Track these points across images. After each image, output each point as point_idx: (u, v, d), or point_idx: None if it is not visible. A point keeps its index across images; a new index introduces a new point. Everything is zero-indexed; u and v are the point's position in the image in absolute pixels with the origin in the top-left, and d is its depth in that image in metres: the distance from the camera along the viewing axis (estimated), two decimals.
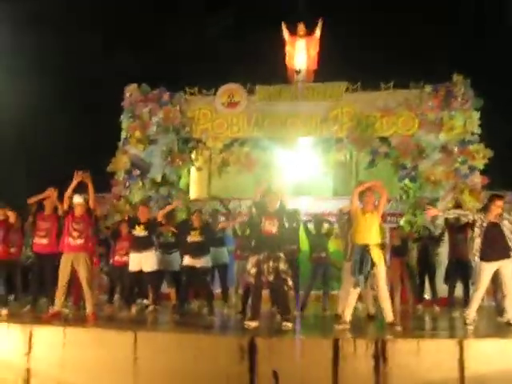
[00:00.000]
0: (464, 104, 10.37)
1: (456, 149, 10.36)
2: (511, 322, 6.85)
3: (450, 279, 8.89)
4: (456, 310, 8.62)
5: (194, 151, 11.59)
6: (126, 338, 6.48)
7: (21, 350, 6.68)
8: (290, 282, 7.50)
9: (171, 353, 6.36)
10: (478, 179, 10.24)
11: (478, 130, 10.42)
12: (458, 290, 8.99)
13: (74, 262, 7.67)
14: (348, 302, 7.11)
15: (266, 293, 8.50)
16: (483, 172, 10.36)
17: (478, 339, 6.24)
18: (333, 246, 9.90)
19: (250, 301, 7.95)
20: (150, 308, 8.70)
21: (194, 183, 12.78)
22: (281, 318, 7.28)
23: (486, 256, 7.01)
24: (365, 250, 6.85)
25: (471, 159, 10.25)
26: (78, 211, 7.93)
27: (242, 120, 11.51)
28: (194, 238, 8.31)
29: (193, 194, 12.66)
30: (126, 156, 11.43)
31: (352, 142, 10.94)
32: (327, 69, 12.46)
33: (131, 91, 11.76)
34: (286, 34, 12.56)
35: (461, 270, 8.72)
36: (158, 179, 11.38)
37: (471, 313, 7.07)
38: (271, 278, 7.15)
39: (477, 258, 7.22)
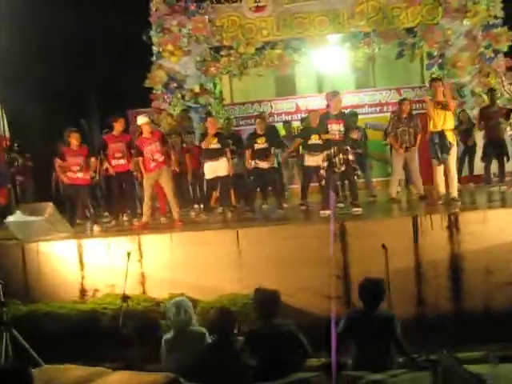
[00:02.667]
0: None
1: (480, 34, 10.91)
2: None
3: (486, 157, 9.82)
4: (491, 185, 9.65)
5: (227, 58, 11.91)
6: (229, 235, 7.39)
7: (133, 257, 7.56)
8: (359, 172, 8.41)
9: (269, 243, 7.30)
10: (502, 62, 10.88)
11: (500, 14, 10.90)
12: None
13: (157, 178, 8.32)
14: (436, 179, 8.12)
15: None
16: (507, 54, 10.96)
17: None
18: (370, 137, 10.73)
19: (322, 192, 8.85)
20: (219, 209, 9.56)
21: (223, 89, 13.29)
22: (351, 204, 8.23)
23: None
24: (442, 134, 7.70)
25: (495, 43, 10.82)
26: (146, 131, 8.42)
27: (271, 23, 11.78)
28: (260, 145, 9.00)
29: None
30: (161, 70, 11.80)
31: (379, 36, 11.38)
32: None
33: (157, 5, 11.90)
34: None
35: (496, 149, 9.61)
36: (196, 89, 11.82)
37: None
38: (342, 168, 8.00)
39: None
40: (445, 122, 7.80)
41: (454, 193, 7.87)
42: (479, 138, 10.03)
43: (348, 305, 7.11)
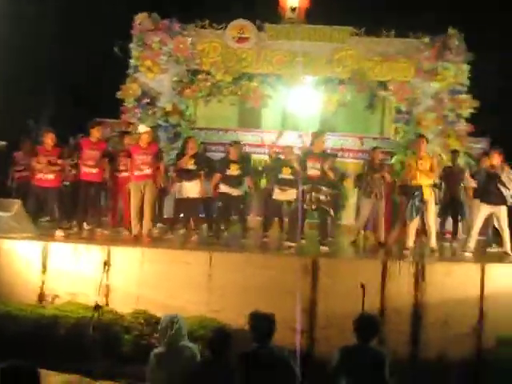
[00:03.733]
0: (456, 56, 11.46)
1: (446, 97, 11.58)
2: (509, 252, 8.38)
3: (443, 215, 10.33)
4: (445, 241, 10.12)
5: (203, 83, 11.99)
6: (202, 258, 7.40)
7: (100, 268, 7.40)
8: (332, 212, 8.64)
9: (241, 270, 7.35)
10: (463, 126, 11.58)
11: (466, 82, 11.61)
12: None
13: (142, 189, 8.21)
14: (409, 231, 8.50)
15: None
16: (469, 120, 11.67)
17: (496, 264, 7.67)
18: None
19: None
20: (181, 231, 9.53)
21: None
22: (319, 242, 8.44)
23: (484, 199, 8.53)
24: (418, 189, 8.15)
25: (459, 108, 11.51)
26: (144, 140, 8.33)
27: (251, 56, 11.98)
28: (233, 171, 9.09)
29: None
30: (135, 84, 11.74)
31: (354, 84, 11.85)
32: (319, 9, 13.03)
33: (141, 19, 11.86)
34: None
35: (453, 208, 10.13)
36: (168, 108, 11.81)
37: (471, 244, 8.56)
38: (313, 207, 8.25)
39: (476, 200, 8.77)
40: (423, 177, 8.29)
41: (433, 244, 8.38)
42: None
43: (311, 339, 7.27)
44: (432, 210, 8.44)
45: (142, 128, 8.43)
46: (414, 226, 8.43)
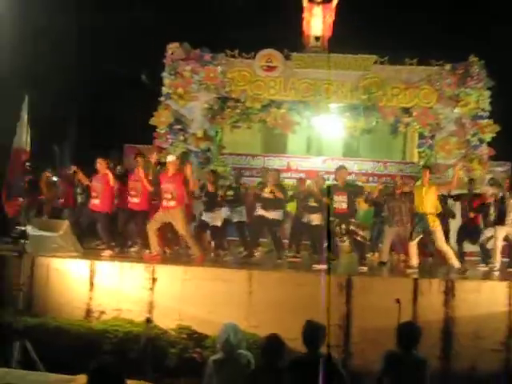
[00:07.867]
0: (478, 83, 11.92)
1: (468, 122, 12.01)
2: None
3: (458, 240, 10.59)
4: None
5: (233, 110, 12.52)
6: (242, 275, 7.77)
7: (145, 286, 7.81)
8: (363, 234, 9.04)
9: (279, 288, 7.71)
10: (485, 150, 11.99)
11: (488, 107, 12.04)
12: None
13: (169, 218, 8.61)
14: (412, 252, 8.78)
15: None
16: (490, 144, 12.07)
17: None
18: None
19: None
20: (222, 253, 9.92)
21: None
22: (359, 262, 8.82)
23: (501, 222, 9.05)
24: (422, 216, 8.66)
25: (481, 132, 11.94)
26: (171, 170, 8.69)
27: (279, 83, 12.50)
28: (269, 195, 9.52)
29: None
30: (167, 111, 12.28)
31: (379, 111, 12.31)
32: (343, 38, 13.54)
33: (173, 49, 12.50)
34: (304, 0, 13.38)
35: (468, 233, 10.42)
36: (199, 134, 12.32)
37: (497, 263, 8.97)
38: (344, 239, 8.68)
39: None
40: (427, 204, 8.71)
41: (456, 264, 8.74)
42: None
43: (346, 353, 7.58)
44: (440, 237, 8.78)
45: (169, 158, 8.84)
46: (414, 246, 8.77)
